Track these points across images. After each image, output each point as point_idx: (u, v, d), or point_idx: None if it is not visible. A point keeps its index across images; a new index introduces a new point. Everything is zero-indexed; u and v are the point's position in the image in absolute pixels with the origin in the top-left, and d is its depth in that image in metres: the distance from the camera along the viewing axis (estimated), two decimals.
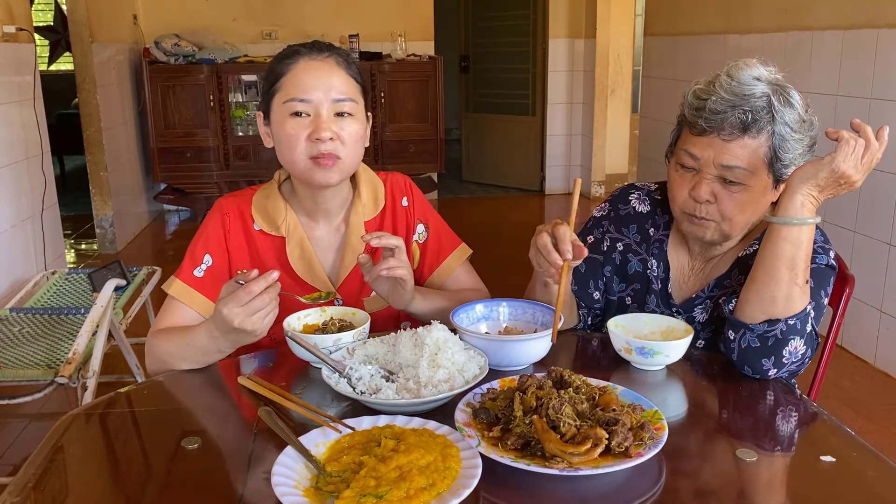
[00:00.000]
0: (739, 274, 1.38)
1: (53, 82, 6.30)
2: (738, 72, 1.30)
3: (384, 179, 1.56)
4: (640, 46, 5.80)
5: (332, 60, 1.40)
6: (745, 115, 1.26)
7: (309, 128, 1.36)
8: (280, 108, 1.38)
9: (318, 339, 1.25)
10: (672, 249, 1.48)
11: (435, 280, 1.57)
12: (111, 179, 4.96)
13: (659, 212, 1.50)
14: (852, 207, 3.27)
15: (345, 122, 1.39)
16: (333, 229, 1.52)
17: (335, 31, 5.92)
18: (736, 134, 1.27)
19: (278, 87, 1.39)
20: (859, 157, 1.18)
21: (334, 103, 1.38)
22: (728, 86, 1.28)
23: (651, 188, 1.55)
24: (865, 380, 3.14)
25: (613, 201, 1.55)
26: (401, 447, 0.95)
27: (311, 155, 1.37)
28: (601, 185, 6.60)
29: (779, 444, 1.10)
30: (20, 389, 2.18)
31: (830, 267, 1.35)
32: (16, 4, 3.54)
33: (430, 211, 1.60)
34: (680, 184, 1.36)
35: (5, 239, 3.25)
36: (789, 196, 1.23)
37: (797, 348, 1.24)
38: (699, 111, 1.30)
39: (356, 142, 1.41)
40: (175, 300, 1.43)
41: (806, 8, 3.55)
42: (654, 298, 1.46)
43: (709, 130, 1.29)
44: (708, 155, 1.30)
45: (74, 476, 1.04)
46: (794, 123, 1.29)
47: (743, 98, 1.27)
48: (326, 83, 1.38)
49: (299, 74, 1.38)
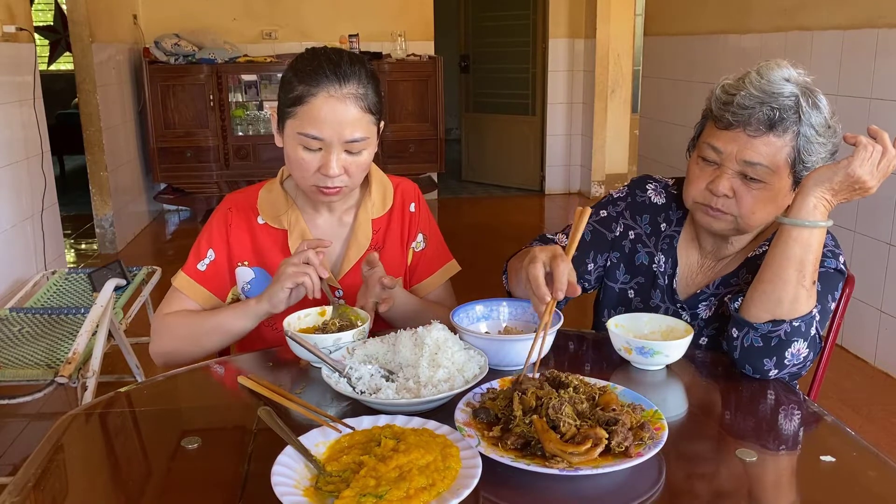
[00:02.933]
0: (747, 273, 1.38)
1: (53, 82, 6.32)
2: (769, 71, 1.30)
3: (396, 185, 1.60)
4: (640, 46, 5.80)
5: (350, 99, 1.38)
6: (773, 112, 1.27)
7: (319, 161, 1.39)
8: (293, 135, 1.40)
9: (318, 338, 1.25)
10: (682, 246, 1.48)
11: (416, 290, 1.61)
12: (111, 179, 4.96)
13: (674, 206, 1.50)
14: (852, 207, 3.27)
15: (354, 157, 1.41)
16: (337, 221, 1.56)
17: (335, 31, 5.92)
18: (762, 130, 1.28)
19: (294, 112, 1.39)
20: (875, 163, 1.18)
21: (346, 144, 1.39)
22: (758, 83, 1.28)
23: (668, 182, 1.55)
24: (865, 380, 3.14)
25: (633, 186, 1.55)
26: (401, 447, 0.95)
27: (317, 184, 1.41)
28: (601, 185, 6.60)
29: (779, 444, 1.10)
30: (20, 389, 2.18)
31: (839, 272, 1.35)
32: (16, 4, 3.54)
33: (432, 223, 1.64)
34: (699, 177, 1.35)
35: (5, 239, 3.25)
36: (802, 197, 1.23)
37: (800, 351, 1.24)
38: (727, 105, 1.30)
39: (363, 171, 1.45)
40: (178, 291, 1.50)
41: (806, 8, 3.55)
42: (659, 293, 1.47)
43: (735, 125, 1.29)
44: (731, 149, 1.30)
45: (74, 476, 1.04)
46: (819, 127, 1.29)
47: (772, 96, 1.27)
48: (342, 121, 1.37)
49: (316, 109, 1.37)
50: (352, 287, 1.51)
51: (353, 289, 1.51)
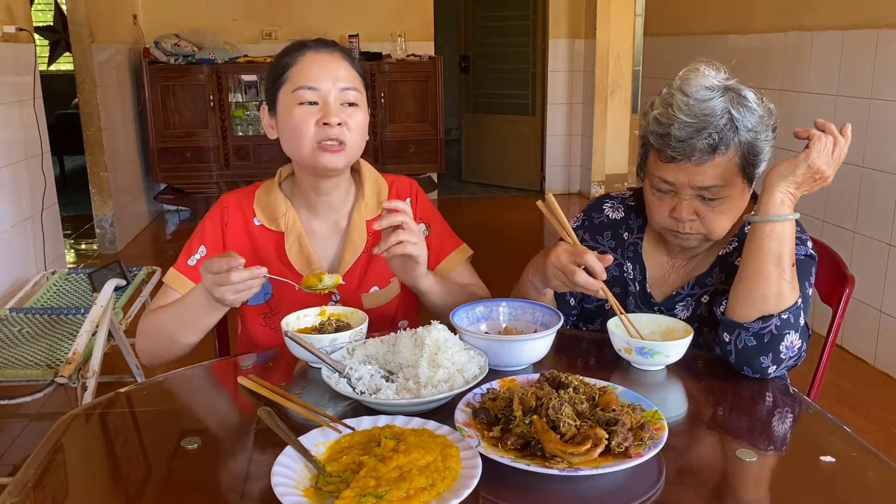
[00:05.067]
0: (721, 272, 1.41)
1: (53, 82, 6.32)
2: (689, 86, 1.31)
3: (391, 183, 1.58)
4: (640, 46, 5.80)
5: (337, 54, 1.45)
6: (711, 137, 1.28)
7: (317, 114, 1.40)
8: (288, 98, 1.42)
9: (314, 338, 1.25)
10: (648, 250, 1.49)
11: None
12: (111, 179, 4.96)
13: (633, 216, 1.52)
14: (852, 207, 3.27)
15: (351, 111, 1.42)
16: (333, 224, 1.54)
17: (335, 31, 5.92)
18: (707, 157, 1.29)
19: (286, 77, 1.43)
20: (830, 153, 1.23)
21: (342, 92, 1.42)
22: (686, 107, 1.28)
23: (625, 195, 1.56)
24: (865, 380, 3.14)
25: (588, 211, 1.57)
26: (401, 447, 0.95)
27: (318, 140, 1.40)
28: (601, 185, 6.60)
29: (779, 445, 1.10)
30: (20, 389, 2.18)
31: (810, 257, 1.38)
32: (16, 4, 3.54)
33: (433, 212, 1.62)
34: (659, 206, 1.37)
35: (5, 239, 3.25)
36: (769, 195, 1.26)
37: (793, 342, 1.25)
38: (664, 138, 1.30)
39: (361, 130, 1.45)
40: (167, 286, 1.49)
41: (806, 8, 3.55)
42: (633, 300, 1.47)
43: (678, 158, 1.30)
44: (682, 179, 1.32)
45: (74, 476, 1.04)
46: (755, 125, 1.31)
47: (705, 119, 1.27)
48: (333, 73, 1.42)
49: (307, 65, 1.42)
50: (349, 290, 1.50)
51: (350, 291, 1.50)
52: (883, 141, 3.08)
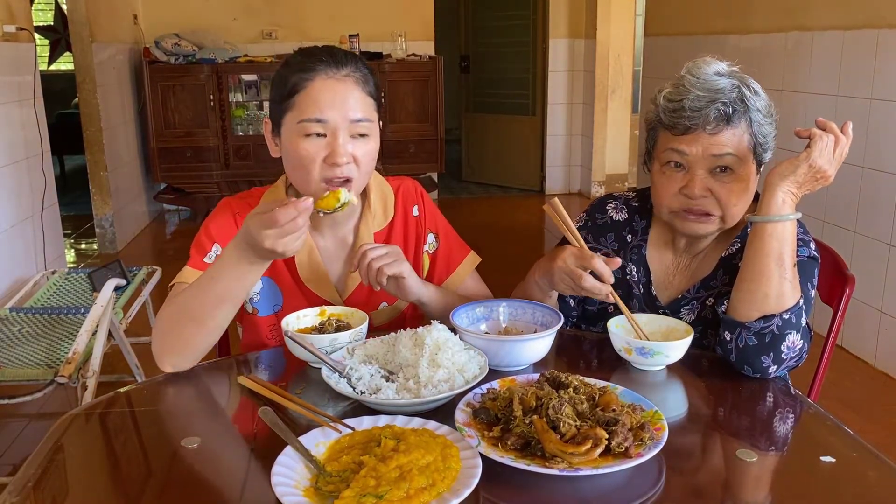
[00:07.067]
0: (724, 274, 1.41)
1: (53, 82, 6.31)
2: (699, 70, 1.34)
3: (396, 188, 1.53)
4: (640, 46, 5.80)
5: (350, 80, 1.34)
6: (725, 106, 1.30)
7: (325, 150, 1.32)
8: (294, 127, 1.33)
9: (314, 338, 1.25)
10: (652, 252, 1.49)
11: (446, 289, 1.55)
12: (111, 179, 4.96)
13: (637, 218, 1.52)
14: (852, 207, 3.27)
15: (361, 143, 1.34)
16: (340, 240, 1.49)
17: (335, 31, 5.92)
18: (721, 126, 1.31)
19: (292, 103, 1.33)
20: (832, 152, 1.23)
21: (352, 124, 1.33)
22: (697, 83, 1.32)
23: (629, 196, 1.56)
24: (865, 380, 3.14)
25: (591, 211, 1.57)
26: (401, 447, 0.95)
27: (325, 178, 1.33)
28: (601, 185, 6.60)
29: (779, 445, 1.10)
30: (20, 389, 2.18)
31: (813, 258, 1.38)
32: (16, 4, 3.54)
33: (441, 219, 1.58)
34: (668, 185, 1.37)
35: (5, 239, 3.25)
36: (770, 194, 1.26)
37: (794, 343, 1.25)
38: (677, 112, 1.32)
39: (370, 162, 1.37)
40: (181, 285, 1.35)
41: (806, 8, 3.55)
42: (637, 303, 1.47)
43: (693, 128, 1.31)
44: (697, 150, 1.32)
45: (74, 476, 1.04)
46: (764, 109, 1.34)
47: (717, 92, 1.31)
48: (344, 104, 1.32)
49: (316, 93, 1.31)
50: (358, 306, 1.45)
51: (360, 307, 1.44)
52: (883, 141, 3.08)
